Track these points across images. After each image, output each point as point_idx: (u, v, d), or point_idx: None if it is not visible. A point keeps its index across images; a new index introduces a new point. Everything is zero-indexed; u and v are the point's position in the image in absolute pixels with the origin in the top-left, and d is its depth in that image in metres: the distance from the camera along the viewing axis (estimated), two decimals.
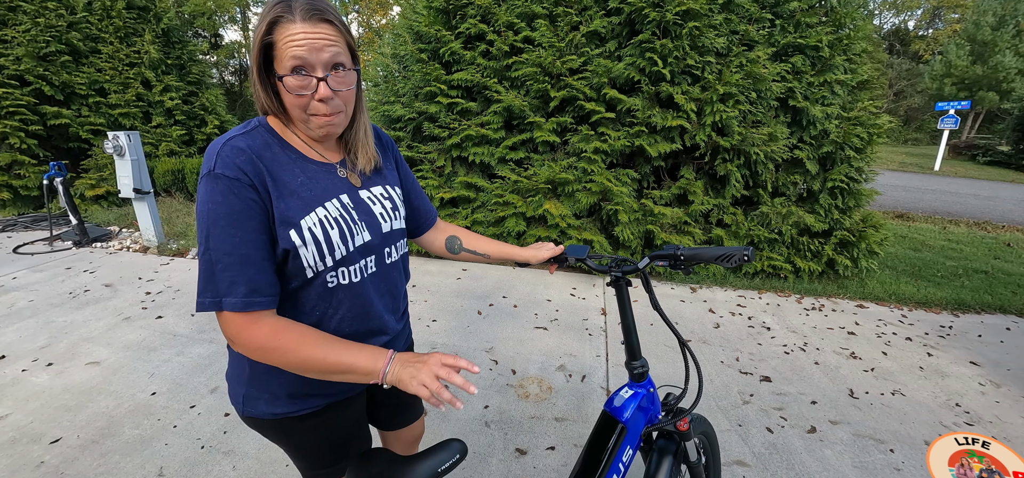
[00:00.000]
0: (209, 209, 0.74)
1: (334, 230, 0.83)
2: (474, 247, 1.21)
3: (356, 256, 0.87)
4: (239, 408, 0.92)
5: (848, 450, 2.04)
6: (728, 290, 3.91)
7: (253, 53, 0.78)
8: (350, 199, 0.88)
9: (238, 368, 0.92)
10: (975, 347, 3.05)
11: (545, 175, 3.98)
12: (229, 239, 0.74)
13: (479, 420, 2.18)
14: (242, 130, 0.80)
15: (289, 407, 0.90)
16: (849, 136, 3.78)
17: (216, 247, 0.74)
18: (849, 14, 3.86)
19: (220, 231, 0.74)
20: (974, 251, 5.36)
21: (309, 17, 0.75)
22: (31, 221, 5.68)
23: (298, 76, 0.76)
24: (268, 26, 0.75)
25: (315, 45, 0.75)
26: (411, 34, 4.42)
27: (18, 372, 2.48)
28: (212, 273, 0.74)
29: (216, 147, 0.76)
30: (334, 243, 0.83)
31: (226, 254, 0.74)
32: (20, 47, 5.90)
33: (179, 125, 7.36)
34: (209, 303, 0.75)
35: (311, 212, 0.81)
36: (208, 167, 0.75)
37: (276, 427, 0.93)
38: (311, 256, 0.81)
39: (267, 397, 0.90)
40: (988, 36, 20.70)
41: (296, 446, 0.97)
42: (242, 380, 0.91)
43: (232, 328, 0.76)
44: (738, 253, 0.98)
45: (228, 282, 0.74)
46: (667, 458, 1.20)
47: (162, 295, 3.53)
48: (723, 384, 2.51)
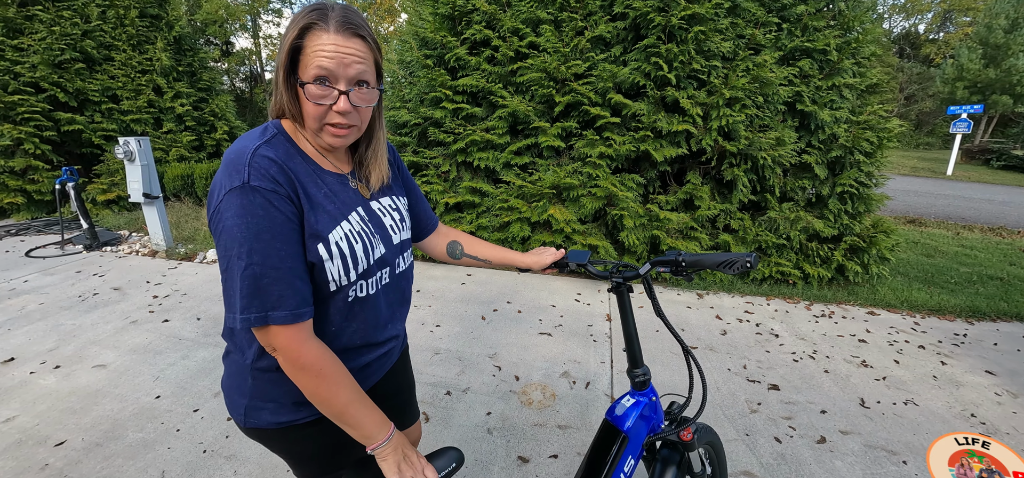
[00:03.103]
0: (249, 223, 0.71)
1: (358, 244, 0.84)
2: (475, 252, 1.21)
3: (375, 269, 0.88)
4: (240, 420, 0.90)
5: (859, 461, 1.99)
6: (735, 296, 3.86)
7: (281, 54, 0.77)
8: (364, 211, 0.88)
9: (238, 380, 0.89)
10: (991, 356, 2.97)
11: (550, 180, 3.97)
12: (275, 253, 0.72)
13: (481, 427, 2.15)
14: (263, 137, 0.78)
15: (295, 414, 0.88)
16: (858, 140, 3.73)
17: (262, 261, 0.72)
18: (857, 17, 3.82)
19: (264, 245, 0.71)
20: (989, 257, 5.25)
21: (343, 30, 0.75)
22: (44, 225, 5.77)
23: (320, 86, 0.75)
24: (300, 30, 0.75)
25: (343, 59, 0.75)
26: (417, 40, 4.45)
27: (26, 374, 2.50)
28: (258, 288, 0.72)
29: (245, 157, 0.73)
30: (358, 257, 0.83)
31: (273, 268, 0.72)
32: (36, 55, 6.03)
33: (189, 131, 7.47)
34: (255, 318, 0.72)
35: (337, 226, 0.81)
36: (241, 179, 0.71)
37: (280, 436, 0.91)
38: (337, 270, 0.81)
39: (272, 406, 0.88)
40: (1001, 39, 20.41)
41: (299, 454, 0.95)
42: (244, 391, 0.88)
43: (282, 340, 0.74)
44: (740, 260, 0.95)
45: (277, 296, 0.72)
46: (670, 468, 1.17)
47: (169, 299, 3.56)
48: (730, 392, 2.47)
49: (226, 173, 0.73)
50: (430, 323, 3.20)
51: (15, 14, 6.06)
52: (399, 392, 1.17)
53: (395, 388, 1.15)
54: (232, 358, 0.91)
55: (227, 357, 0.93)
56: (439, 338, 2.98)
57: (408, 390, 1.21)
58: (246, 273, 0.72)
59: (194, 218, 5.90)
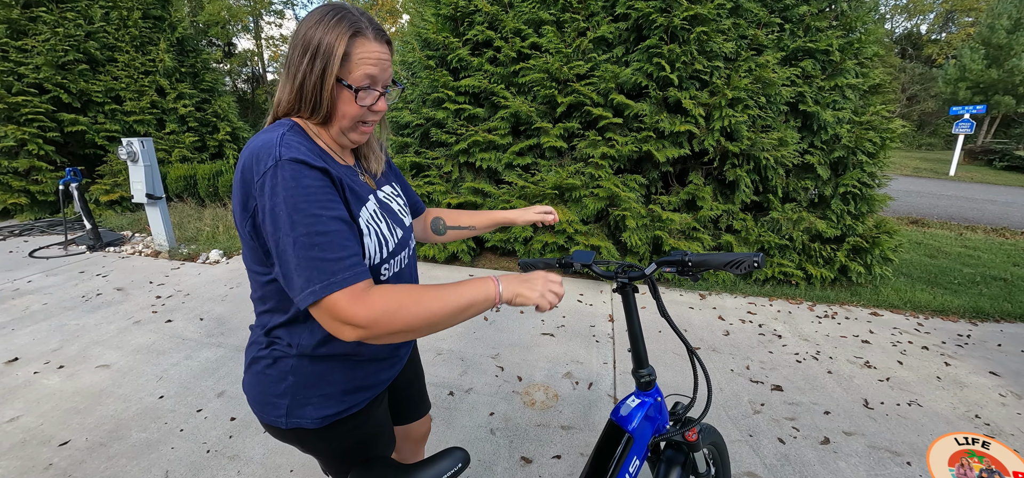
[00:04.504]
0: (288, 193, 0.69)
1: (383, 223, 0.88)
2: (458, 222, 1.26)
3: (398, 248, 0.92)
4: (280, 422, 0.87)
5: (863, 462, 1.99)
6: (738, 297, 3.85)
7: (331, 57, 0.76)
8: (376, 198, 0.92)
9: (275, 382, 0.86)
10: (995, 357, 2.96)
11: (552, 181, 3.97)
12: (319, 219, 0.70)
13: (484, 427, 2.15)
14: (282, 129, 0.77)
15: (340, 405, 0.88)
16: (861, 141, 3.72)
17: (308, 230, 0.69)
18: (860, 18, 3.82)
19: (308, 216, 0.69)
20: (992, 258, 5.23)
21: (379, 38, 0.81)
22: (47, 226, 5.79)
23: (369, 91, 0.81)
24: (348, 39, 0.77)
25: (383, 65, 0.81)
26: (419, 41, 4.45)
27: (30, 374, 2.51)
28: (310, 258, 0.69)
29: (273, 142, 0.73)
30: (385, 236, 0.87)
31: (320, 234, 0.70)
32: (40, 56, 6.05)
33: (192, 132, 7.49)
34: (320, 289, 0.69)
35: (363, 206, 0.84)
36: (274, 159, 0.70)
37: (322, 435, 0.89)
38: (373, 246, 0.84)
39: (317, 401, 0.86)
40: (1003, 39, 20.32)
41: (336, 450, 0.93)
42: (283, 391, 0.86)
43: (342, 305, 0.69)
44: (748, 259, 0.95)
45: (334, 261, 0.70)
46: (675, 469, 1.17)
47: (172, 299, 3.57)
48: (733, 393, 2.47)
49: (255, 163, 0.72)
50: None
51: (19, 16, 6.09)
52: (414, 382, 1.21)
53: (411, 378, 1.19)
54: (264, 360, 0.88)
55: (257, 361, 0.89)
56: (441, 338, 2.98)
57: (420, 380, 1.26)
58: (298, 245, 0.69)
59: (197, 219, 5.91)
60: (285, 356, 0.86)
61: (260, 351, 0.89)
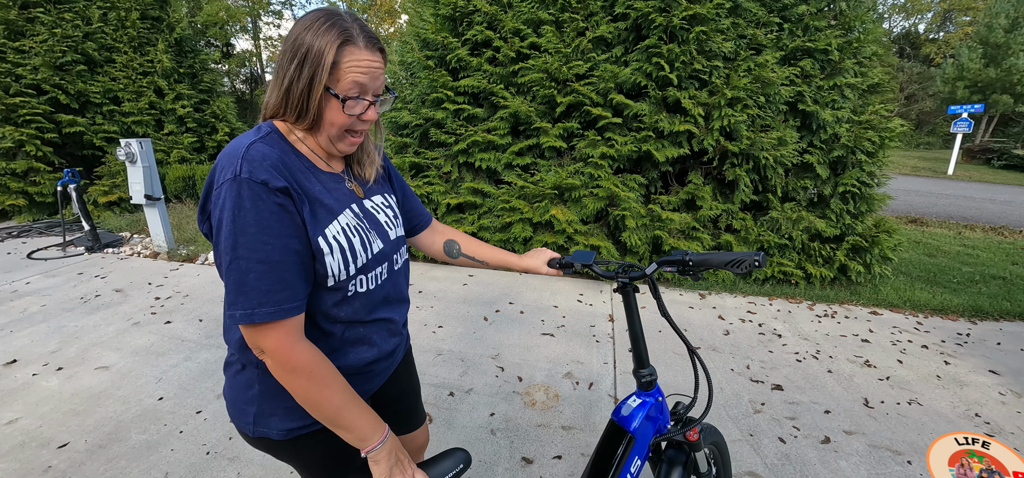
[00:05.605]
0: (234, 216, 0.70)
1: (355, 238, 0.84)
2: (472, 253, 1.21)
3: (373, 263, 0.88)
4: (248, 430, 0.87)
5: (864, 461, 1.99)
6: (738, 296, 3.85)
7: (319, 66, 0.76)
8: (359, 209, 0.89)
9: (243, 388, 0.86)
10: (994, 355, 2.97)
11: (552, 181, 3.97)
12: (263, 246, 0.71)
13: (485, 428, 2.15)
14: (257, 135, 0.78)
15: (306, 418, 0.86)
16: (860, 140, 3.73)
17: (247, 255, 0.70)
18: (858, 17, 3.82)
19: (251, 239, 0.70)
20: (991, 257, 5.24)
21: (371, 46, 0.79)
22: (45, 227, 5.77)
23: (358, 100, 0.79)
24: (337, 48, 0.76)
25: (374, 74, 0.80)
26: (418, 41, 4.45)
27: (29, 376, 2.50)
28: (244, 282, 0.70)
29: (239, 151, 0.72)
30: (357, 250, 0.84)
31: (260, 262, 0.71)
32: (37, 57, 6.04)
33: (190, 133, 7.47)
34: (241, 316, 0.71)
35: (334, 220, 0.81)
36: (233, 171, 0.70)
37: (288, 446, 0.88)
38: (336, 264, 0.80)
39: (281, 412, 0.85)
40: (1001, 39, 20.37)
41: (308, 462, 0.93)
42: (250, 399, 0.86)
43: (271, 341, 0.72)
44: (749, 258, 0.95)
45: (263, 291, 0.71)
46: (677, 469, 1.17)
47: (171, 300, 3.56)
48: (734, 393, 2.47)
49: (218, 170, 0.73)
50: (433, 324, 3.19)
51: (16, 16, 6.07)
52: (404, 395, 1.16)
53: (400, 391, 1.14)
54: (235, 365, 0.88)
55: (229, 366, 0.90)
56: (442, 339, 2.98)
57: (413, 393, 1.20)
58: (232, 267, 0.71)
59: (195, 219, 5.90)
60: (251, 363, 0.85)
61: (231, 355, 0.89)
